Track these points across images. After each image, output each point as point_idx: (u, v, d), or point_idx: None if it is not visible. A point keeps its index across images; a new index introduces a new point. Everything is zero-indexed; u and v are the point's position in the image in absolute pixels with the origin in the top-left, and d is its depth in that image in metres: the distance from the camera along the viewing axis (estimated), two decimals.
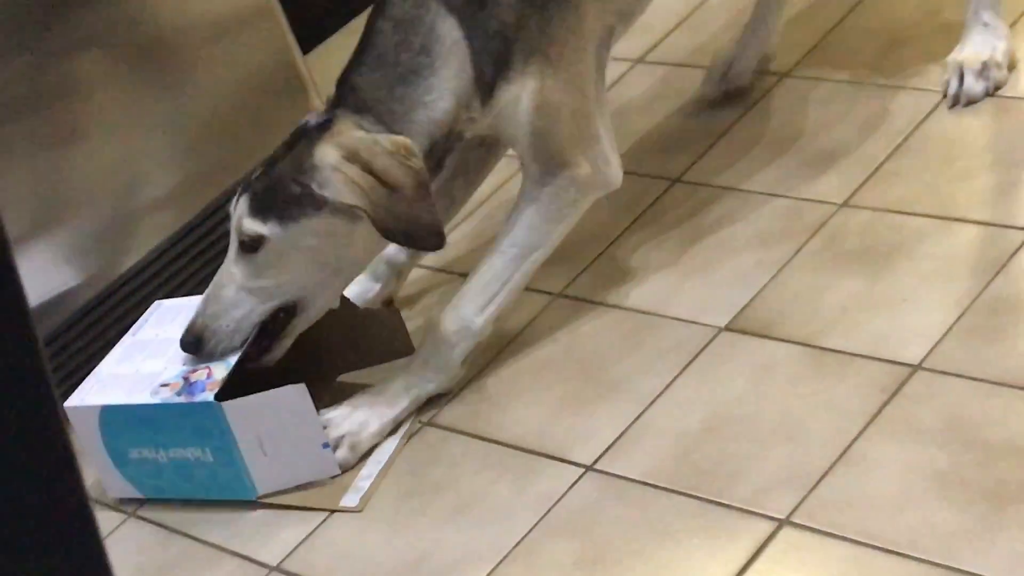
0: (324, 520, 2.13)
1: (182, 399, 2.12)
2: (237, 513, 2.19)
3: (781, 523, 1.88)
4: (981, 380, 1.97)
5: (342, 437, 2.17)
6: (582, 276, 2.39)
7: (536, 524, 2.00)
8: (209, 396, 2.11)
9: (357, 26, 2.30)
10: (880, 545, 1.80)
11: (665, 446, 2.04)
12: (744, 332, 2.18)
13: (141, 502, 2.26)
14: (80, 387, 2.25)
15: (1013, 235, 2.16)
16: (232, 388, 2.13)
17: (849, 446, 1.94)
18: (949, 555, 1.76)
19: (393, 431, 2.22)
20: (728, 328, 2.20)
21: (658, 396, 2.12)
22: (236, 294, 2.17)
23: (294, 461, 2.15)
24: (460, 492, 2.10)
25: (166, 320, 2.32)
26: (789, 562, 1.83)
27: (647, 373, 2.17)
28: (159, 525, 2.23)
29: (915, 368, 2.02)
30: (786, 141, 2.52)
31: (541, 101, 2.17)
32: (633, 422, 2.10)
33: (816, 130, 2.51)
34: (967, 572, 1.74)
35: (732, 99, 2.64)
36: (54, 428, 1.07)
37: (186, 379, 2.15)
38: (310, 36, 3.05)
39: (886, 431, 1.94)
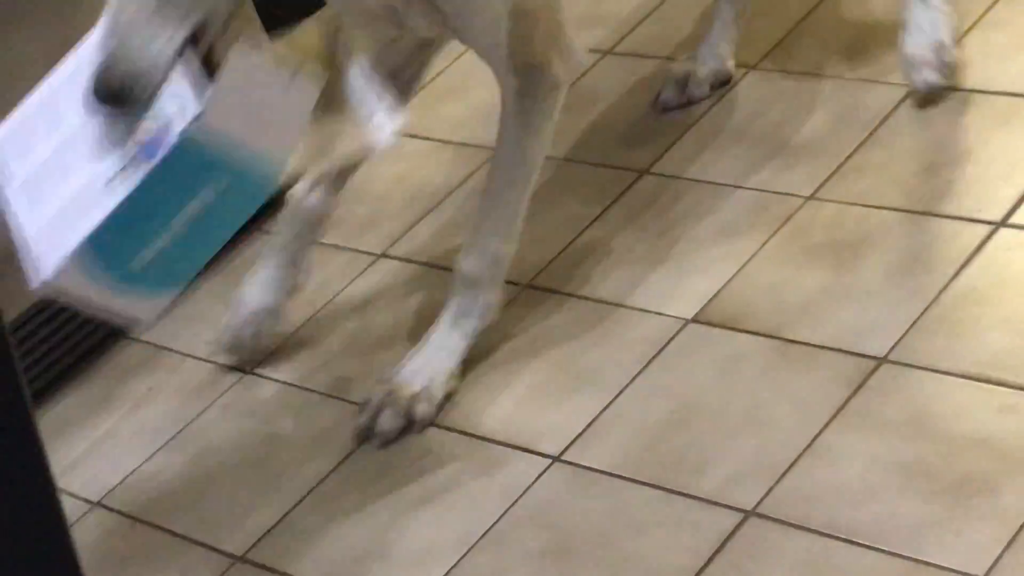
0: (291, 509, 2.12)
1: (152, 163, 1.74)
2: (205, 500, 2.18)
3: (747, 514, 1.89)
4: (946, 373, 1.98)
5: (417, 394, 2.18)
6: (549, 267, 2.39)
7: (503, 514, 2.00)
8: (176, 138, 1.73)
9: (328, 14, 2.29)
10: (845, 536, 1.81)
11: (632, 437, 2.05)
12: (711, 324, 2.19)
13: (109, 488, 2.25)
14: (21, 252, 1.80)
15: (978, 228, 2.17)
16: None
17: (815, 438, 1.95)
18: (914, 547, 1.77)
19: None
20: (695, 320, 2.20)
21: (625, 387, 2.13)
22: (148, 21, 1.75)
23: (279, 115, 1.83)
24: (427, 482, 2.10)
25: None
26: (755, 553, 1.84)
27: (614, 364, 2.17)
28: (124, 514, 2.22)
29: (881, 361, 2.02)
30: (753, 134, 2.52)
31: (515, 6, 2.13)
32: (600, 413, 2.10)
33: (783, 123, 2.52)
34: (932, 564, 1.75)
35: (693, 104, 2.64)
36: (22, 417, 1.07)
37: (140, 145, 1.77)
38: (279, 24, 3.03)
39: (852, 423, 1.95)
